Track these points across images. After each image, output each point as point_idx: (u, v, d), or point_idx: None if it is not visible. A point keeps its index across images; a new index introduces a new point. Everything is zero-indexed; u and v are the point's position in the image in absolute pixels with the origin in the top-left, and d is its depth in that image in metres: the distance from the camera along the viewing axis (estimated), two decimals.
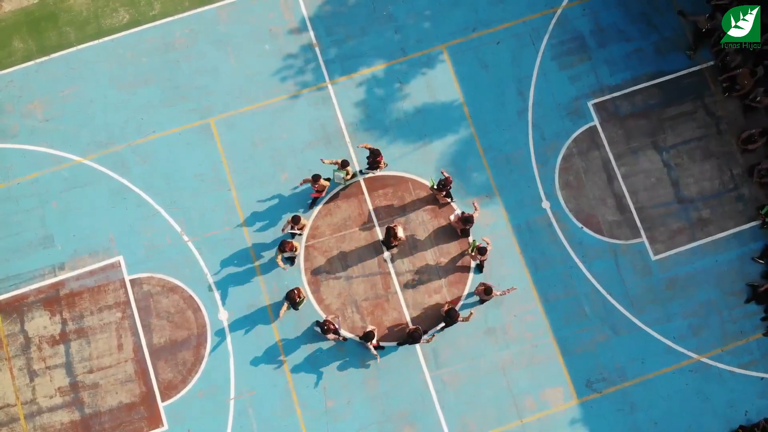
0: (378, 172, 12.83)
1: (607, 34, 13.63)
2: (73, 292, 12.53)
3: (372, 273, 12.69)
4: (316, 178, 12.03)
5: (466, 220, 12.04)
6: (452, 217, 12.48)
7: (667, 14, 13.70)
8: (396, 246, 12.49)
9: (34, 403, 12.27)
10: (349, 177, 12.44)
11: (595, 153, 13.15)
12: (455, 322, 11.77)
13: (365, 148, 12.20)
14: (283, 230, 12.02)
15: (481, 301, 12.25)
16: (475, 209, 11.99)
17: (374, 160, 12.30)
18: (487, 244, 11.85)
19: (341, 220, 12.88)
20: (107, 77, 13.32)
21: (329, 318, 11.82)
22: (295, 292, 11.77)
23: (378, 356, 11.95)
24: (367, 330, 11.76)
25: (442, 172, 12.11)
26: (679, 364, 12.34)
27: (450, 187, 12.35)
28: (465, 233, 12.61)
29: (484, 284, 11.72)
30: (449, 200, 12.75)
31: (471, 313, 11.76)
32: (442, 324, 12.06)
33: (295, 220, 11.81)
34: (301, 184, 12.43)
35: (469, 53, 13.50)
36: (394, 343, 12.29)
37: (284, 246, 11.91)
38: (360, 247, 12.76)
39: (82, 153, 13.02)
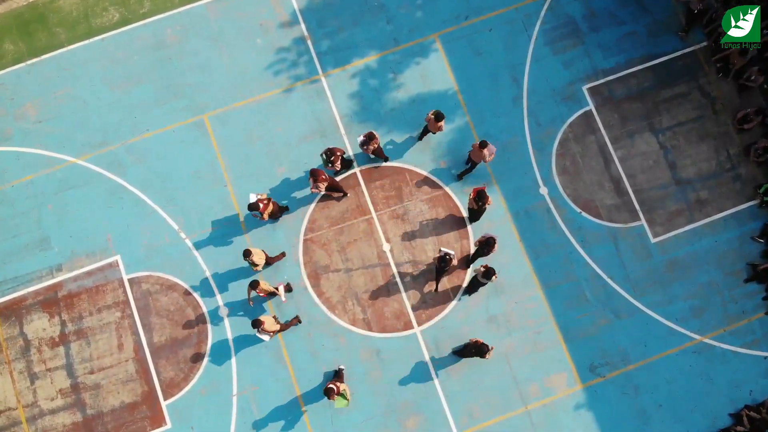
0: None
1: (599, 18, 13.59)
2: (72, 293, 12.46)
3: (371, 265, 12.64)
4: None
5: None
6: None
7: None
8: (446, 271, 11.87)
9: (36, 406, 12.20)
10: None
11: (591, 137, 13.11)
12: (493, 250, 11.26)
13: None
14: (250, 303, 11.73)
15: (476, 284, 11.98)
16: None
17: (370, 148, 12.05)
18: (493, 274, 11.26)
19: (339, 213, 12.82)
20: (99, 77, 13.24)
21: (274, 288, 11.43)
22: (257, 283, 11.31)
23: (268, 338, 11.33)
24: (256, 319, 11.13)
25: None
26: (681, 345, 12.32)
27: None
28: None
29: (486, 266, 11.31)
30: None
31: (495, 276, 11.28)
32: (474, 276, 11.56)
33: (253, 285, 11.28)
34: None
35: (461, 41, 13.44)
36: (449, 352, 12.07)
37: (255, 285, 11.31)
38: (359, 239, 12.71)
39: (76, 154, 12.95)
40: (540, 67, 13.37)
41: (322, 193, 11.94)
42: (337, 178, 12.70)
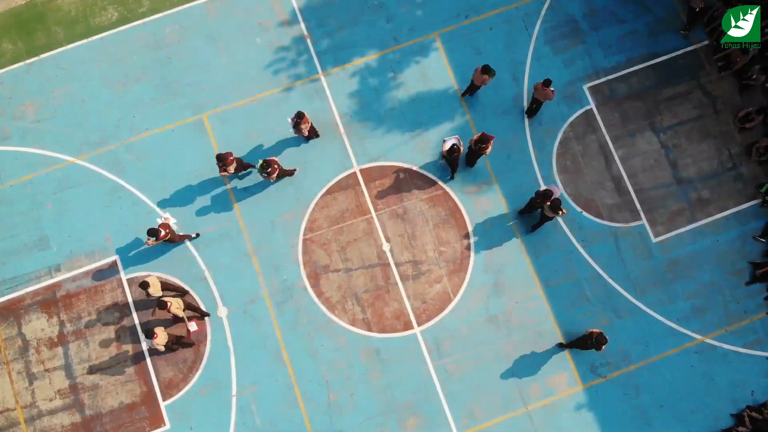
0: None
1: (600, 16, 13.53)
2: (70, 293, 12.42)
3: (371, 264, 12.59)
4: None
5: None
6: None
7: None
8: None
9: (34, 407, 12.15)
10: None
11: (592, 137, 13.05)
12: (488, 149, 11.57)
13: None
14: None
15: (543, 218, 11.91)
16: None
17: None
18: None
19: (338, 212, 12.77)
20: (98, 76, 13.20)
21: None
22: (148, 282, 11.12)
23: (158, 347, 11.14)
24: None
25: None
26: (683, 345, 12.26)
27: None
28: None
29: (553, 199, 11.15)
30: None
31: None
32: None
33: (160, 305, 10.91)
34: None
35: (462, 40, 13.39)
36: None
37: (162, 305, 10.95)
38: (358, 238, 12.66)
39: (75, 153, 12.90)
40: (540, 66, 13.31)
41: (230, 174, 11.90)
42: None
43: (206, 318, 12.17)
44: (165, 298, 10.99)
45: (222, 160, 11.48)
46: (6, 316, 12.40)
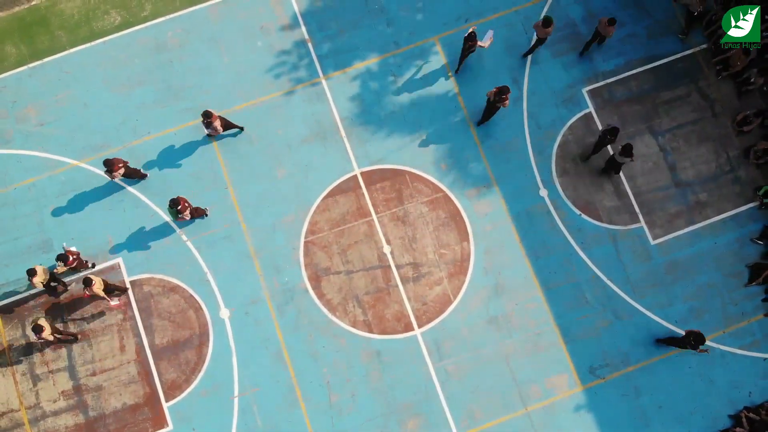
0: None
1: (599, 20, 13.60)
2: (73, 295, 12.51)
3: (372, 266, 12.68)
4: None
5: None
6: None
7: None
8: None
9: (38, 408, 12.25)
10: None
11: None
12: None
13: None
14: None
15: (615, 165, 12.36)
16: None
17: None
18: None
19: (339, 215, 12.86)
20: (101, 80, 13.29)
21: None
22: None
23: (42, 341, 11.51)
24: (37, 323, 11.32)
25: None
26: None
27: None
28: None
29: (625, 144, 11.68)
30: None
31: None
32: None
33: (86, 282, 11.42)
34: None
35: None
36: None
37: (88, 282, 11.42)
38: (359, 241, 12.75)
39: (77, 156, 13.00)
40: (540, 70, 13.41)
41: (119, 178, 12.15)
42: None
43: (129, 291, 12.35)
44: (90, 276, 11.44)
45: (109, 165, 11.67)
46: (10, 318, 12.50)
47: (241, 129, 12.87)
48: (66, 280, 12.47)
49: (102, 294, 11.65)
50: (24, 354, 12.43)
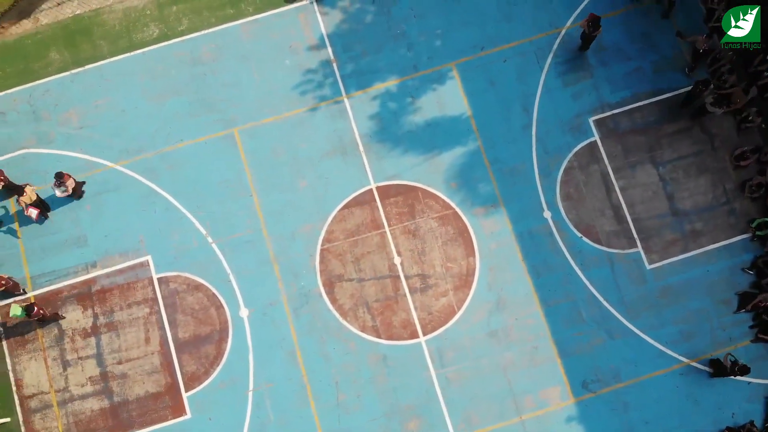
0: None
1: (608, 53, 14.39)
2: (104, 288, 13.47)
3: (383, 276, 13.54)
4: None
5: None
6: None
7: (667, 34, 14.40)
8: None
9: (67, 391, 13.19)
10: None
11: (595, 167, 13.92)
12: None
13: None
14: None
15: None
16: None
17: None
18: None
19: (354, 226, 13.73)
20: (138, 88, 14.25)
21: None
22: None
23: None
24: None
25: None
26: (670, 367, 13.10)
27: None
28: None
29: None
30: None
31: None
32: None
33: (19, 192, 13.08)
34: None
35: (477, 70, 14.31)
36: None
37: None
38: (372, 251, 13.61)
39: (114, 159, 13.96)
40: (550, 98, 14.20)
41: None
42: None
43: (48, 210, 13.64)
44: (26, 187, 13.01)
45: (59, 177, 12.84)
46: (45, 307, 13.44)
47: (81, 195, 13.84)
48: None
49: (28, 201, 12.90)
50: (56, 341, 13.39)
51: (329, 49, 14.42)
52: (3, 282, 12.85)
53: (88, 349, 13.32)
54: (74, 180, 13.29)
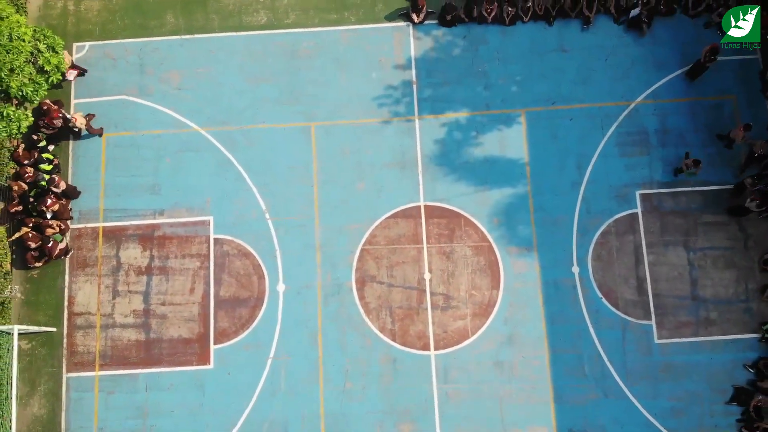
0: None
1: (669, 135, 15.21)
2: (166, 236, 14.94)
3: (410, 287, 14.68)
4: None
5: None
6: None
7: (729, 129, 15.10)
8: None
9: (111, 317, 14.69)
10: None
11: (630, 237, 14.79)
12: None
13: None
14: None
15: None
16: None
17: None
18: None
19: (396, 235, 14.90)
20: (237, 67, 15.68)
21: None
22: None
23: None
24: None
25: None
26: None
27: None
28: None
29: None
30: None
31: None
32: None
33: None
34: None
35: (544, 122, 15.31)
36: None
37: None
38: (406, 262, 14.76)
39: (201, 124, 15.42)
40: (605, 163, 15.11)
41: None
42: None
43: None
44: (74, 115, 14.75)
45: (51, 182, 14.25)
46: (110, 239, 15.01)
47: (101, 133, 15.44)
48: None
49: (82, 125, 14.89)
50: (112, 271, 14.89)
51: (413, 71, 15.62)
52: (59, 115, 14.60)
53: (139, 285, 14.80)
54: (84, 118, 15.01)
